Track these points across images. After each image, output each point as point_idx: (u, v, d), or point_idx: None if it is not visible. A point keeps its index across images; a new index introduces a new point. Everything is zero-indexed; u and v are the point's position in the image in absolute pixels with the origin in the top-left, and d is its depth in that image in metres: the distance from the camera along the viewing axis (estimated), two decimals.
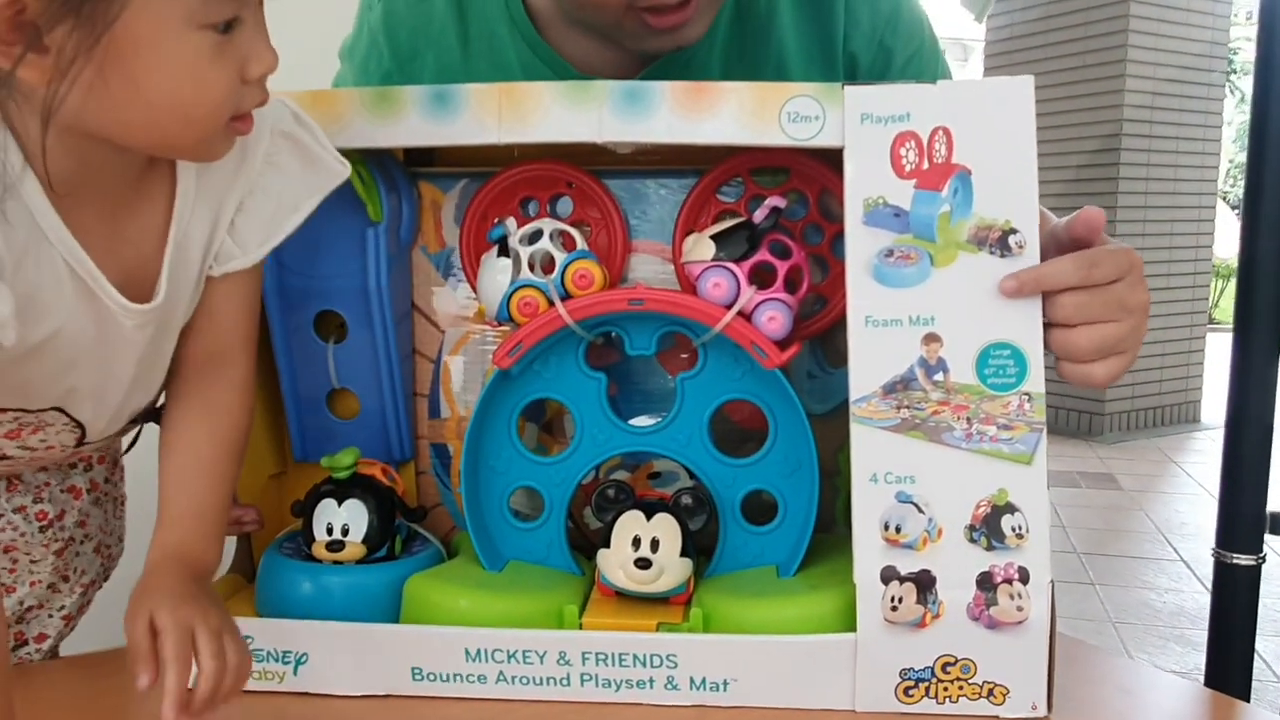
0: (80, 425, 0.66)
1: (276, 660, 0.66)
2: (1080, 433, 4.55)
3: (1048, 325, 0.63)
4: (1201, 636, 2.35)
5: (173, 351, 0.67)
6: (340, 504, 0.70)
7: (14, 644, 0.76)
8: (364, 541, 0.69)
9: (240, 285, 0.65)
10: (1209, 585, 2.80)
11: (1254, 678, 1.01)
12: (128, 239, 0.59)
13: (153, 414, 0.76)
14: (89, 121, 0.51)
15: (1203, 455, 4.22)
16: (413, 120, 0.66)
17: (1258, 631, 0.97)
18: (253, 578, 0.73)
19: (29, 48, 0.46)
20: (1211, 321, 5.37)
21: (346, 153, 0.70)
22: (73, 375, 0.61)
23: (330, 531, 0.69)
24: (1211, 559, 0.98)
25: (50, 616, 0.77)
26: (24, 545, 0.73)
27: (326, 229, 0.73)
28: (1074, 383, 0.65)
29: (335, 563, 0.69)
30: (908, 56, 0.86)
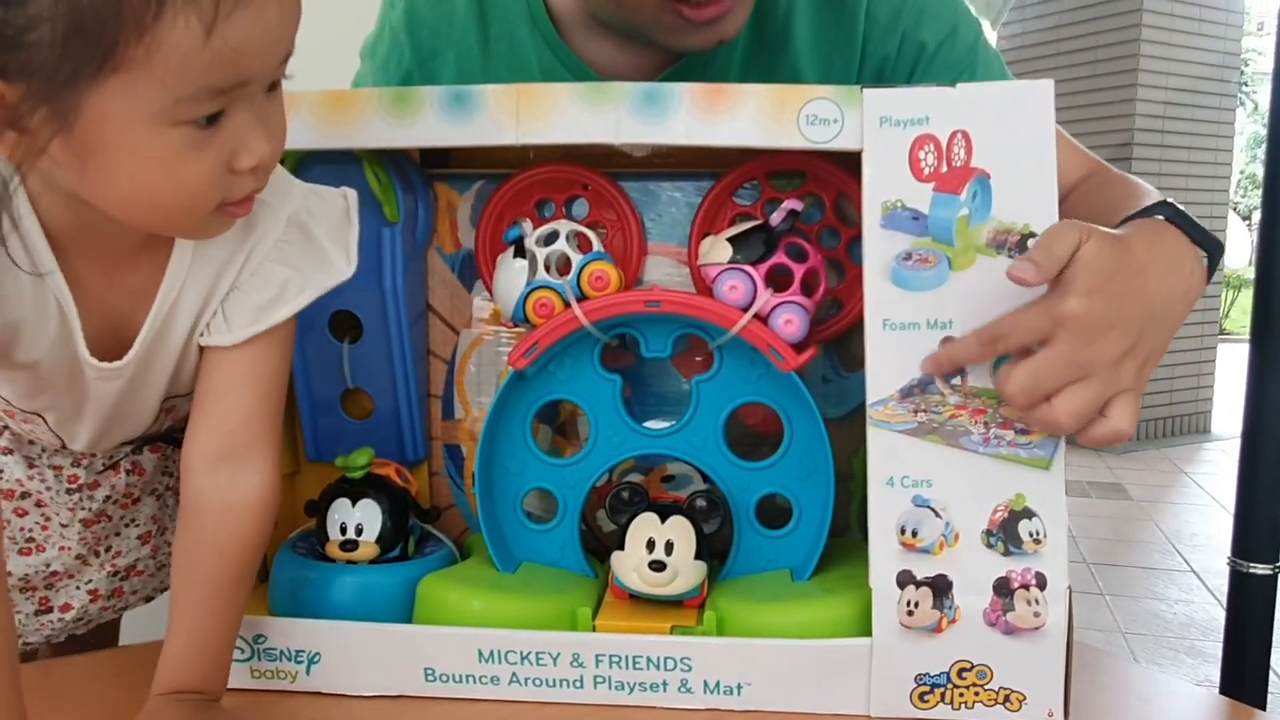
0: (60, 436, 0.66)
1: (289, 660, 0.66)
2: None
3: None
4: (1212, 648, 2.34)
5: (156, 406, 0.65)
6: (354, 504, 0.70)
7: (39, 609, 0.77)
8: (377, 541, 0.69)
9: (256, 366, 0.61)
10: (1219, 596, 2.78)
11: (1269, 690, 1.00)
12: (120, 293, 0.59)
13: (168, 437, 0.76)
14: (79, 193, 0.51)
15: (1213, 466, 4.21)
16: (430, 121, 0.66)
17: (1275, 644, 0.97)
18: (266, 577, 0.73)
19: (9, 125, 0.47)
20: (1222, 332, 5.35)
21: (363, 153, 0.71)
22: (44, 399, 0.63)
23: (344, 531, 0.69)
24: (1226, 569, 0.97)
25: (78, 589, 0.77)
26: (52, 503, 0.73)
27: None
28: (1093, 445, 0.60)
29: (349, 562, 0.69)
30: (939, 42, 0.84)
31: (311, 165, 0.73)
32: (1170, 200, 0.67)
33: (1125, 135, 4.41)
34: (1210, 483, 3.91)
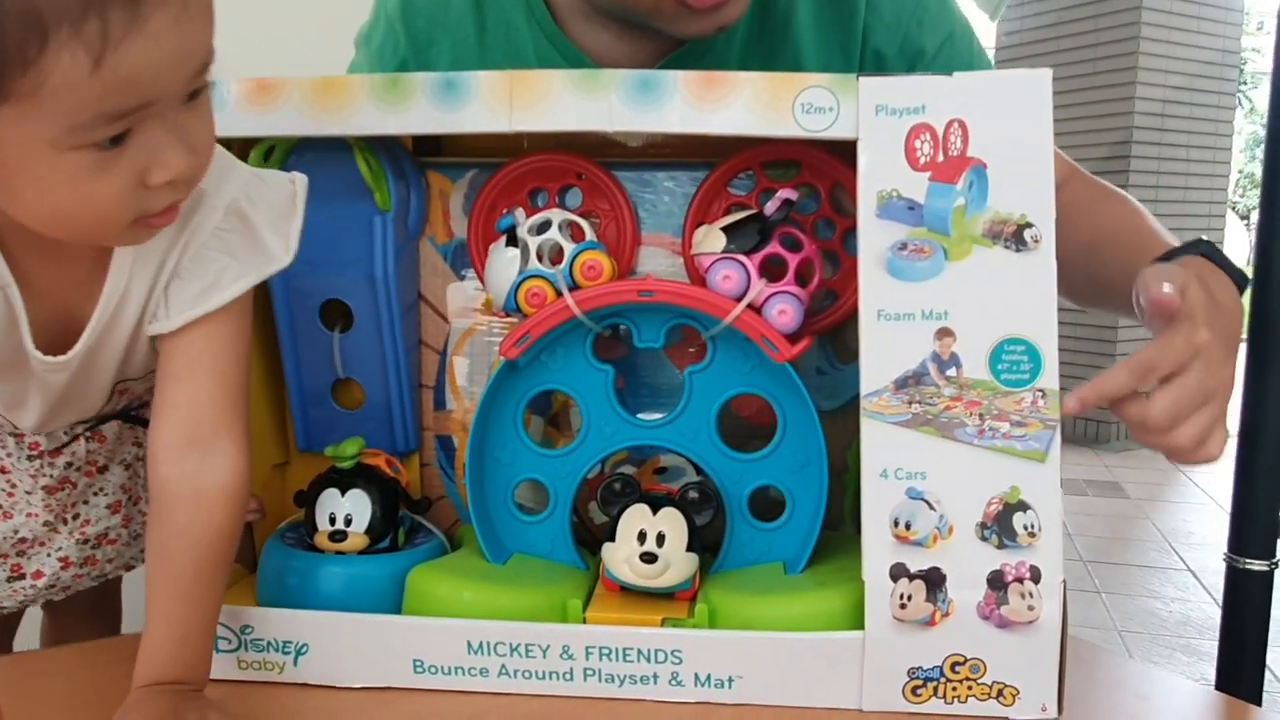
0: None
1: (277, 650, 0.65)
2: (1087, 441, 4.54)
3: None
4: (1208, 646, 2.34)
5: (107, 391, 0.65)
6: (344, 494, 0.69)
7: (11, 575, 0.76)
8: (367, 532, 0.69)
9: (211, 350, 0.60)
10: (1216, 595, 2.78)
11: (1264, 688, 0.99)
12: (67, 286, 0.59)
13: (127, 415, 0.76)
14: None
15: (1210, 465, 4.20)
16: (422, 107, 0.65)
17: (1270, 641, 0.96)
18: (255, 567, 0.72)
19: None
20: None
21: (355, 140, 0.71)
22: None
23: (333, 521, 0.69)
24: (1222, 567, 0.97)
25: (49, 556, 0.77)
26: (14, 470, 0.72)
27: (334, 217, 0.73)
28: (1190, 463, 0.64)
29: (338, 553, 0.68)
30: (938, 46, 0.84)
31: (303, 152, 0.73)
32: (1205, 238, 0.73)
33: (1124, 134, 4.40)
34: (1207, 481, 3.91)
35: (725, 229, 0.67)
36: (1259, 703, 0.97)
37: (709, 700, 0.63)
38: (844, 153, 0.64)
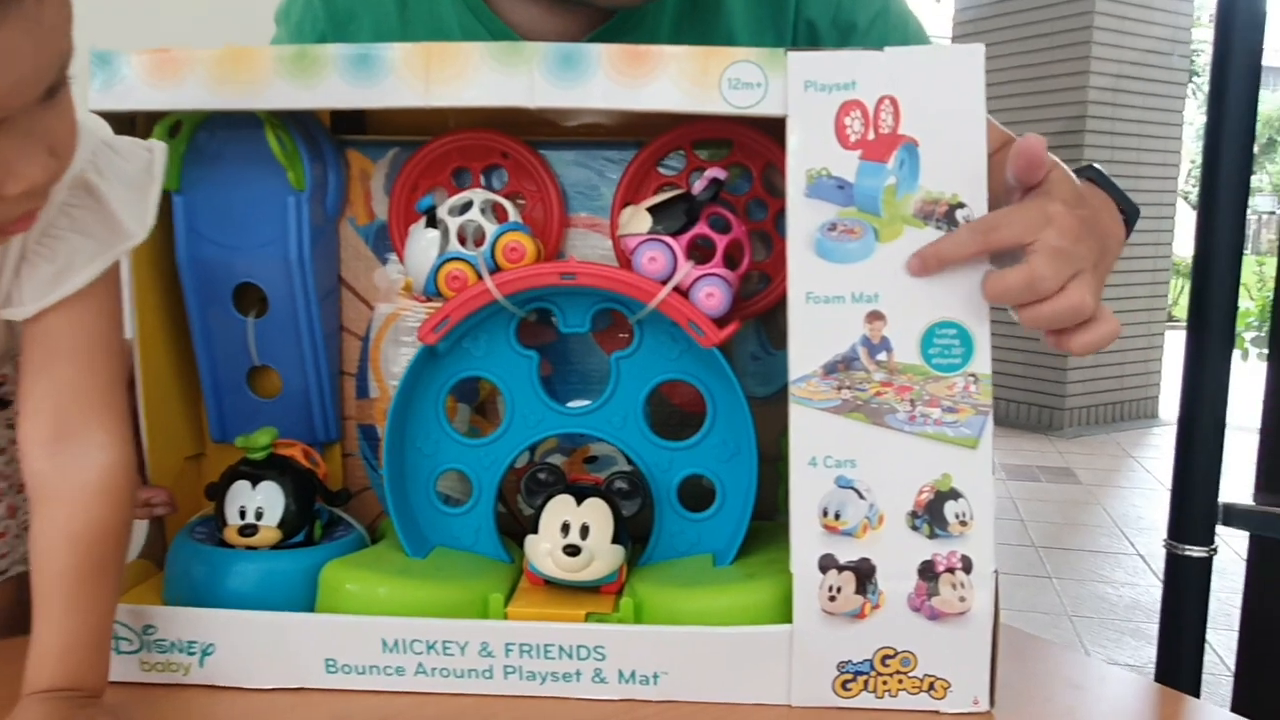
0: None
1: (181, 651, 0.62)
2: (1040, 427, 4.58)
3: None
4: (1156, 630, 2.37)
5: None
6: (254, 486, 0.66)
7: None
8: (279, 526, 0.66)
9: (75, 335, 0.56)
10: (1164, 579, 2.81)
11: (1206, 670, 0.99)
12: None
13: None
14: None
15: (1160, 450, 4.27)
16: (334, 82, 0.62)
17: (1211, 625, 0.96)
18: (164, 564, 0.69)
19: None
20: (1170, 319, 5.43)
21: (265, 115, 0.67)
22: None
23: (243, 515, 0.65)
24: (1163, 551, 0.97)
25: None
26: None
27: (245, 196, 0.69)
28: (1093, 347, 0.59)
29: (248, 548, 0.65)
30: (870, 20, 0.82)
31: (212, 128, 0.69)
32: (1094, 164, 0.71)
33: (1078, 112, 4.44)
34: (1157, 467, 3.97)
35: (651, 209, 0.64)
36: (1198, 685, 0.97)
37: (633, 697, 0.61)
38: (776, 132, 0.62)
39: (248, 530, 0.65)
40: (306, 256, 0.70)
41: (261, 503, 0.66)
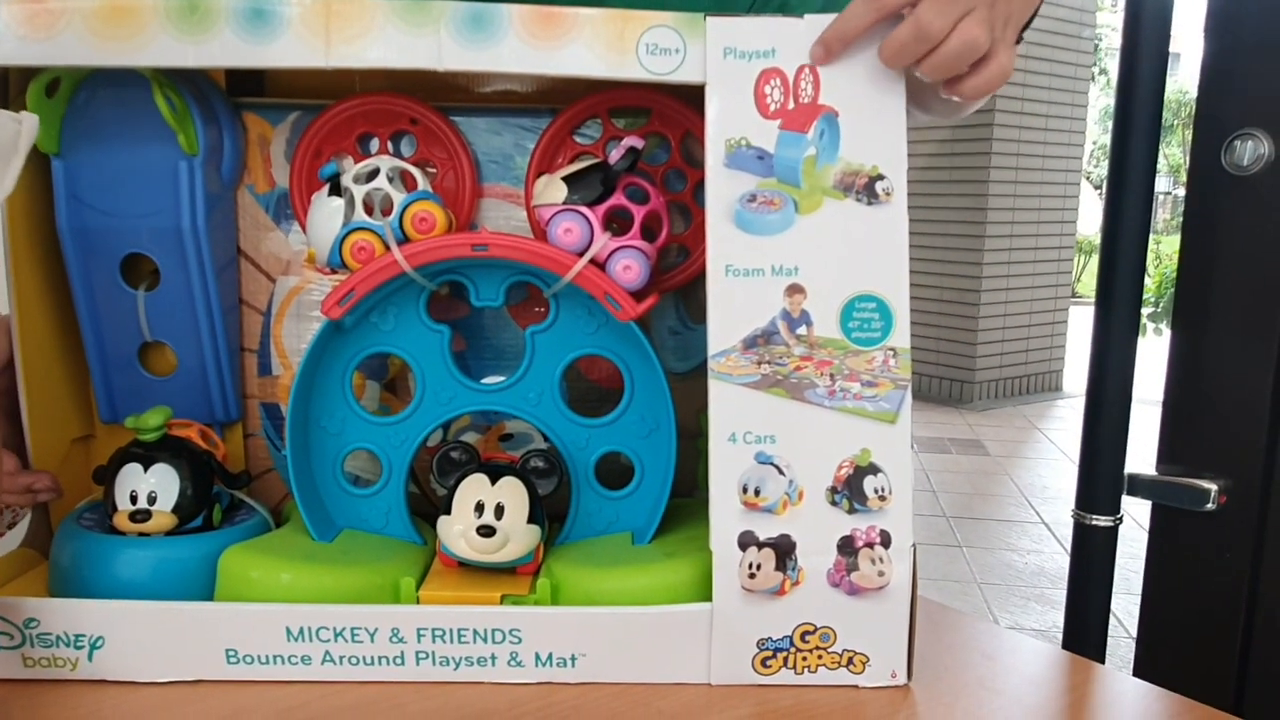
0: None
1: (67, 645, 0.58)
2: (951, 400, 4.70)
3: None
4: (1060, 595, 2.44)
5: None
6: (147, 469, 0.62)
7: None
8: (174, 511, 0.62)
9: None
10: (1068, 546, 2.92)
11: (1109, 635, 1.02)
12: None
13: None
14: None
15: (1064, 422, 4.42)
16: (225, 38, 0.58)
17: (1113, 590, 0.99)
18: (49, 554, 0.65)
19: None
20: (1074, 295, 5.61)
21: (151, 74, 0.63)
22: None
23: (134, 500, 0.62)
24: (1071, 520, 0.99)
25: None
26: None
27: (132, 161, 0.65)
28: (984, 90, 0.58)
29: (140, 535, 0.62)
30: None
31: (94, 88, 0.65)
32: None
33: (989, 101, 4.53)
34: (1061, 438, 4.10)
35: (566, 179, 0.62)
36: (1103, 649, 0.99)
37: (550, 680, 0.59)
38: (696, 100, 0.60)
39: (140, 516, 0.61)
40: (201, 226, 0.66)
41: (155, 486, 0.62)
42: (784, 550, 0.59)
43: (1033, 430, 4.28)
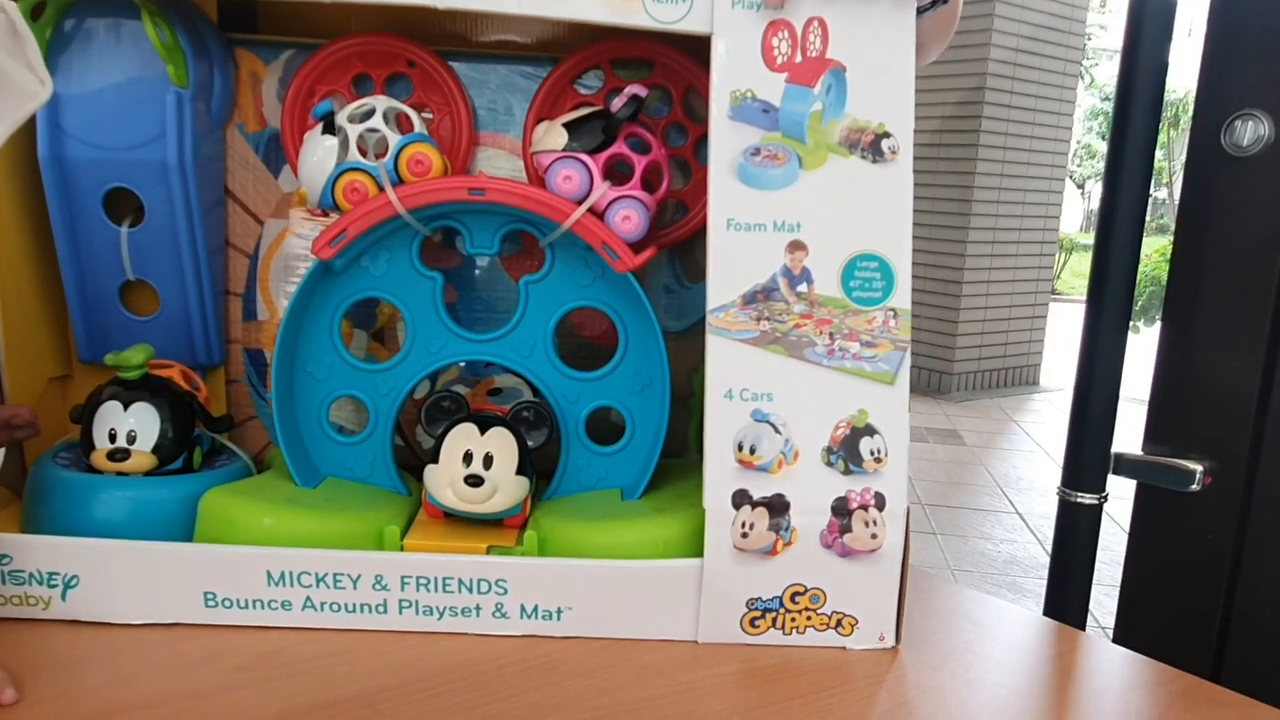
0: None
1: (40, 583, 0.57)
2: (930, 390, 4.72)
3: None
4: (1031, 584, 2.46)
5: None
6: (126, 408, 0.61)
7: None
8: (154, 451, 0.61)
9: None
10: (1040, 536, 2.92)
11: (1089, 612, 1.03)
12: None
13: None
14: None
15: (1040, 415, 4.44)
16: None
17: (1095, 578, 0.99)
18: (22, 493, 0.63)
19: None
20: (1054, 292, 5.63)
21: (143, 1, 0.61)
22: None
23: (113, 439, 0.60)
24: (1046, 511, 0.99)
25: None
26: None
27: (119, 92, 0.63)
28: None
29: (119, 474, 0.60)
30: None
31: (80, 12, 0.63)
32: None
33: (978, 94, 4.53)
34: (1036, 431, 4.13)
35: (567, 125, 0.61)
36: (1084, 622, 1.00)
37: (535, 633, 0.58)
38: (700, 53, 0.59)
39: (118, 455, 0.60)
40: (189, 161, 0.64)
41: (134, 425, 0.60)
42: (777, 509, 0.58)
43: (1009, 422, 4.31)
